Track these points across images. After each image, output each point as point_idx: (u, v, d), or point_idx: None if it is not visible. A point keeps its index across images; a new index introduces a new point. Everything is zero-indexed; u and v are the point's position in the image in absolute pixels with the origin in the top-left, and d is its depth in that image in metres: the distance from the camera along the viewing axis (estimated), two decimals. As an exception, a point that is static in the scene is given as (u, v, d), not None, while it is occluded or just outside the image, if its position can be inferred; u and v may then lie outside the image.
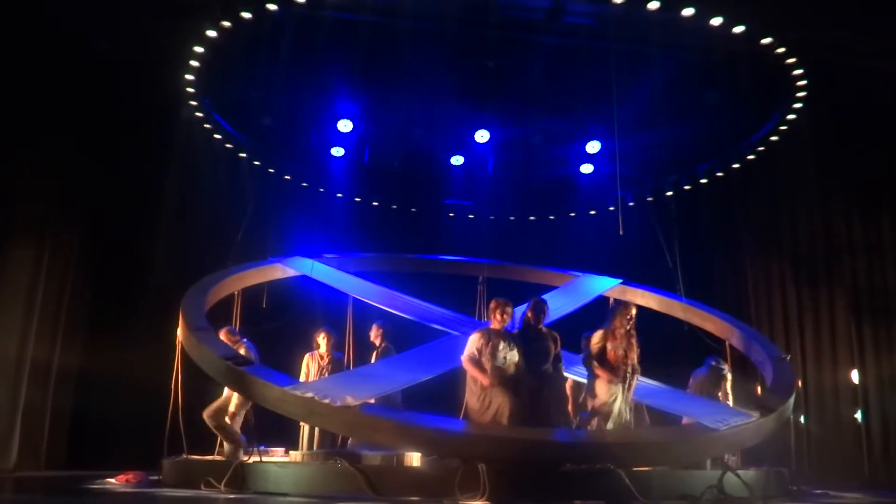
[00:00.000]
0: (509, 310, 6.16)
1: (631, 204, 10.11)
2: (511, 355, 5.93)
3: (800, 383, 7.53)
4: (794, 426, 7.15)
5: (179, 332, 6.43)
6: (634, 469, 5.25)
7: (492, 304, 6.21)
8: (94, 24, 7.93)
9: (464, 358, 5.97)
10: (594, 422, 6.05)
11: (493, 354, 5.88)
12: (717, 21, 7.21)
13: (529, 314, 6.33)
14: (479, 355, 5.91)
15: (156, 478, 6.44)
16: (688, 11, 7.09)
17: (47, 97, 7.92)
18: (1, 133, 7.49)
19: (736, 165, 9.55)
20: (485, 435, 5.58)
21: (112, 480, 6.47)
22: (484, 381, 5.79)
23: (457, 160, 10.18)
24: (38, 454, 8.17)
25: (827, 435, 8.91)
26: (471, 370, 5.92)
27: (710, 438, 5.69)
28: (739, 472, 5.72)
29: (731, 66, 7.90)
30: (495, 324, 6.09)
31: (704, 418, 5.86)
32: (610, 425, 5.92)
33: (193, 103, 8.32)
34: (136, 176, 9.08)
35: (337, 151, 9.74)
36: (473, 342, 6.00)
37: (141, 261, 9.01)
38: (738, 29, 7.29)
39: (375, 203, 10.57)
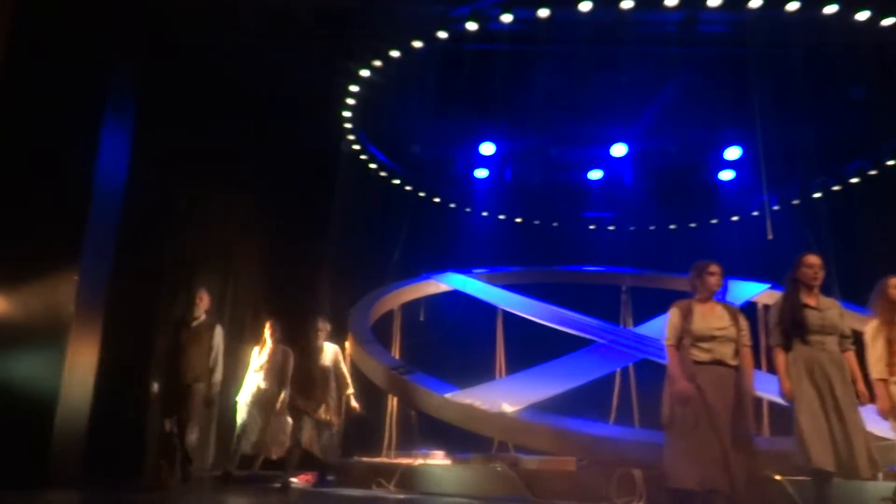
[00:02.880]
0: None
1: (776, 208, 9.53)
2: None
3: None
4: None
5: (348, 344, 6.71)
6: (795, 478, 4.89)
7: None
8: (258, 71, 8.43)
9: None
10: None
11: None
12: (863, 15, 6.69)
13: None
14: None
15: (331, 478, 6.71)
16: (831, 8, 6.62)
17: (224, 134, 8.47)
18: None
19: (891, 162, 8.76)
20: (639, 440, 5.43)
21: (294, 480, 6.81)
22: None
23: (595, 174, 10.06)
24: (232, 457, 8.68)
25: None
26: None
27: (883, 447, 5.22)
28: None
29: (880, 58, 7.29)
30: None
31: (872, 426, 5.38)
32: None
33: (351, 137, 8.71)
34: (301, 206, 9.57)
35: (481, 173, 9.90)
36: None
37: (309, 280, 9.46)
38: (888, 21, 6.73)
39: (518, 220, 10.60)
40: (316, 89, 8.38)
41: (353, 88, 7.89)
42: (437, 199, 10.05)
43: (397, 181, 9.62)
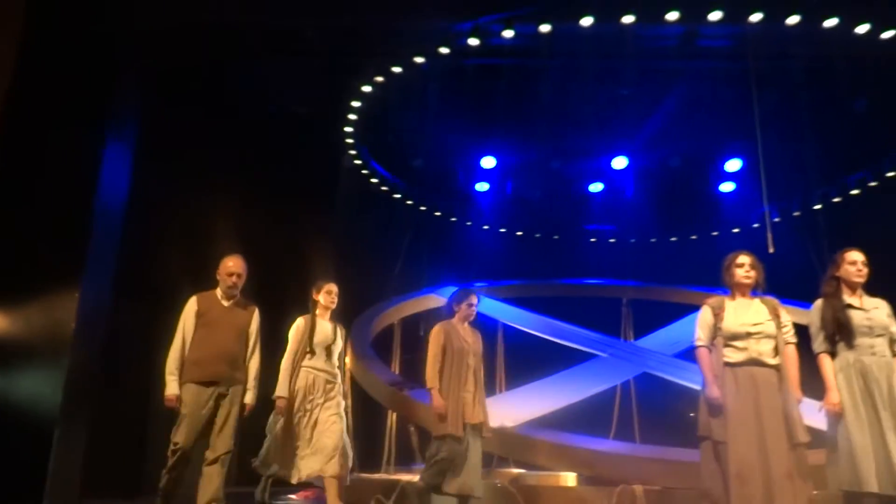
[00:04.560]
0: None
1: (777, 220, 9.48)
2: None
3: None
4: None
5: (348, 359, 6.68)
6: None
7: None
8: (261, 87, 8.45)
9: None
10: None
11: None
12: (863, 28, 6.67)
13: None
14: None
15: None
16: (831, 22, 6.60)
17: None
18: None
19: (891, 174, 8.73)
20: (639, 455, 5.37)
21: (293, 497, 6.76)
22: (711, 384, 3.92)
23: (596, 187, 10.04)
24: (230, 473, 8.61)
25: None
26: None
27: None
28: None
29: (879, 71, 7.27)
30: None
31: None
32: None
33: (352, 152, 8.71)
34: (304, 218, 9.57)
35: (482, 186, 9.89)
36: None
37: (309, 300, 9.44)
38: (888, 34, 6.70)
39: (519, 233, 10.57)
40: (318, 105, 8.40)
41: (355, 104, 7.89)
42: (438, 213, 10.03)
43: (398, 195, 9.60)
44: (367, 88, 7.65)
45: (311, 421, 4.88)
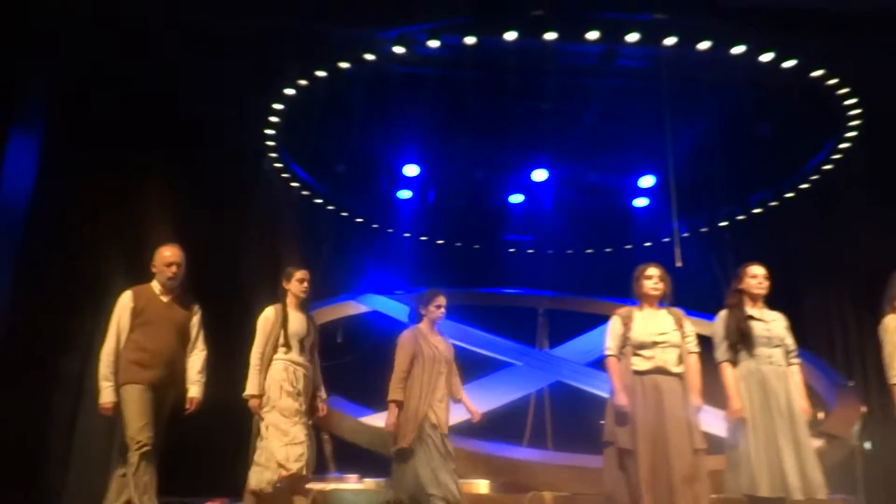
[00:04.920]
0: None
1: (685, 235, 9.88)
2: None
3: (864, 409, 7.11)
4: (861, 453, 6.74)
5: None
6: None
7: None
8: (179, 86, 8.22)
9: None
10: None
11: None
12: (767, 57, 7.07)
13: None
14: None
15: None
16: (738, 49, 6.97)
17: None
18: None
19: (790, 194, 9.26)
20: (552, 463, 5.48)
21: (204, 506, 6.56)
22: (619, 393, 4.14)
23: (516, 198, 10.21)
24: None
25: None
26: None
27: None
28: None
29: (782, 98, 7.73)
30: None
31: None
32: None
33: (273, 155, 8.55)
34: (218, 222, 9.32)
35: (404, 194, 9.88)
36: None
37: (225, 298, 9.18)
38: (789, 63, 7.13)
39: (440, 241, 10.63)
40: (239, 106, 8.22)
41: (277, 106, 7.76)
42: (359, 220, 9.96)
43: (319, 200, 9.48)
44: (289, 91, 7.54)
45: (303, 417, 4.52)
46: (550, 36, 6.90)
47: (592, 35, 6.89)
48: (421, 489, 4.35)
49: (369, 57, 7.15)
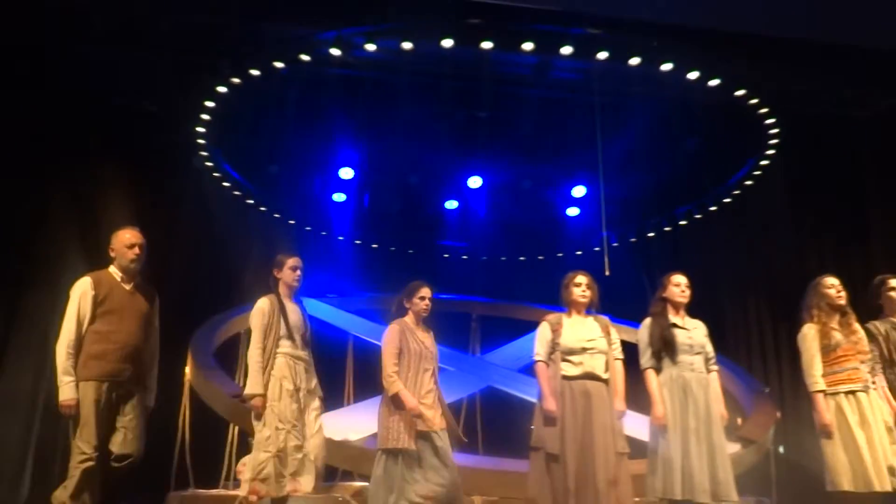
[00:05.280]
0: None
1: (615, 245, 10.13)
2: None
3: (779, 415, 7.43)
4: (775, 457, 7.04)
5: (188, 370, 6.37)
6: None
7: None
8: (110, 80, 7.98)
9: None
10: None
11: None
12: (693, 75, 7.33)
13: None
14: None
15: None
16: (666, 66, 7.20)
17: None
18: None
19: (713, 208, 9.61)
20: (482, 468, 5.51)
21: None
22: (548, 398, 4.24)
23: (451, 204, 10.25)
24: (50, 487, 7.95)
25: (807, 465, 8.79)
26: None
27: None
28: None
29: (708, 116, 8.02)
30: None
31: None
32: None
33: (204, 154, 8.35)
34: (147, 220, 9.03)
35: (339, 197, 9.79)
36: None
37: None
38: (714, 82, 7.41)
39: (375, 245, 10.58)
40: (170, 102, 8.01)
41: (209, 104, 7.58)
42: (292, 222, 9.81)
43: (252, 201, 9.30)
44: (222, 89, 7.37)
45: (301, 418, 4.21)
46: (487, 45, 6.97)
47: (528, 46, 7.00)
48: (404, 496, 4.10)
49: (305, 58, 7.06)
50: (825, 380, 4.43)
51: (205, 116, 7.75)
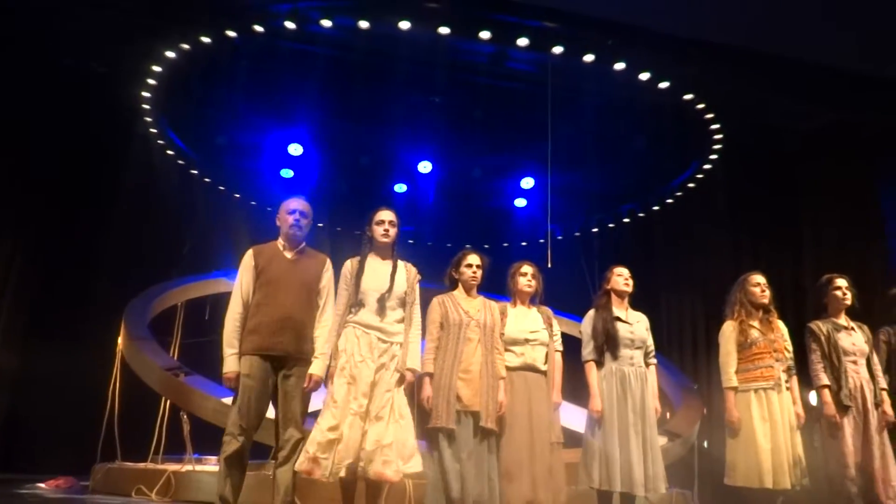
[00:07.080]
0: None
1: (560, 238, 10.26)
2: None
3: (705, 410, 7.68)
4: (699, 451, 7.27)
5: (120, 340, 6.22)
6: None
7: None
8: (57, 38, 7.67)
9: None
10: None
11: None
12: (644, 76, 7.45)
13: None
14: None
15: (86, 484, 6.16)
16: (619, 65, 7.30)
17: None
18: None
19: (656, 207, 9.82)
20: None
21: (42, 485, 6.17)
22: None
23: (400, 188, 10.21)
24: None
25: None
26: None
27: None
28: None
29: (656, 116, 8.17)
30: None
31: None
32: None
33: (149, 119, 8.11)
34: (88, 184, 8.76)
35: (286, 173, 9.63)
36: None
37: (87, 267, 8.66)
38: (663, 84, 7.55)
39: (320, 224, 10.46)
40: (116, 64, 7.76)
41: (156, 69, 7.36)
42: (237, 195, 9.62)
43: (196, 171, 9.09)
44: (170, 54, 7.16)
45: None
46: (444, 30, 6.94)
47: (485, 35, 7.00)
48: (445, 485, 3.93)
49: (258, 28, 6.91)
50: (739, 376, 4.57)
51: (151, 81, 7.53)
